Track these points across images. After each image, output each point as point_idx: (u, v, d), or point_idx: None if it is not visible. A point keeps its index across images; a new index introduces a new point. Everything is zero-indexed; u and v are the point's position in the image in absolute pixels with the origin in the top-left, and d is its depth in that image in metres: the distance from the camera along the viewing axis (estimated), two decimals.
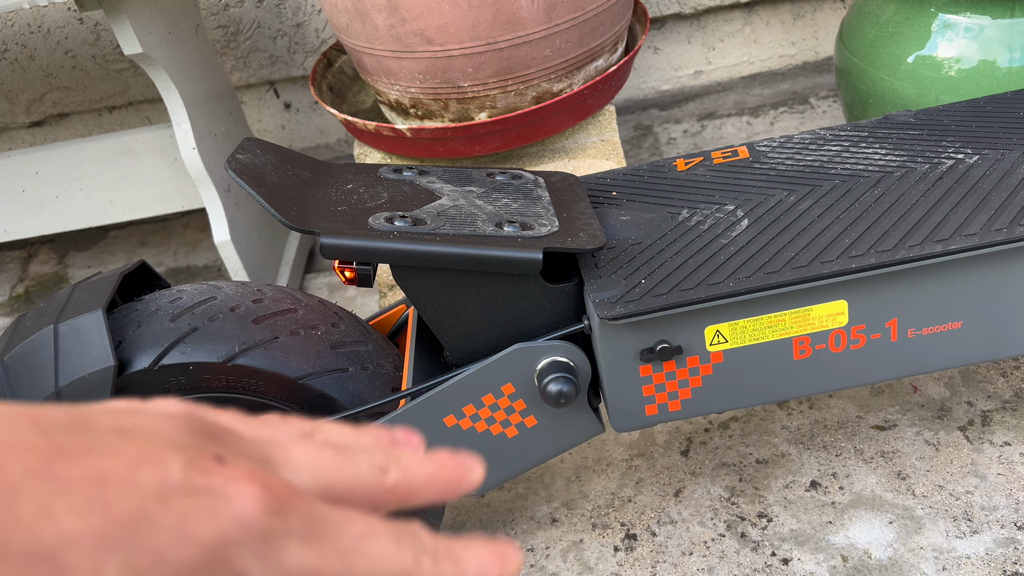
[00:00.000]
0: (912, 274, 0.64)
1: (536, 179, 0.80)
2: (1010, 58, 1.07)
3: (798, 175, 0.78)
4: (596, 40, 1.06)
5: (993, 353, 0.69)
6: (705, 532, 0.94)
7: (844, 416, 1.05)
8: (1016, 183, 0.69)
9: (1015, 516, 0.90)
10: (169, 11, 1.16)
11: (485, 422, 0.70)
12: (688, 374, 0.68)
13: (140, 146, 1.29)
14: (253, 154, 0.72)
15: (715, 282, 0.64)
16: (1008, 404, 1.02)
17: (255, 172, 0.69)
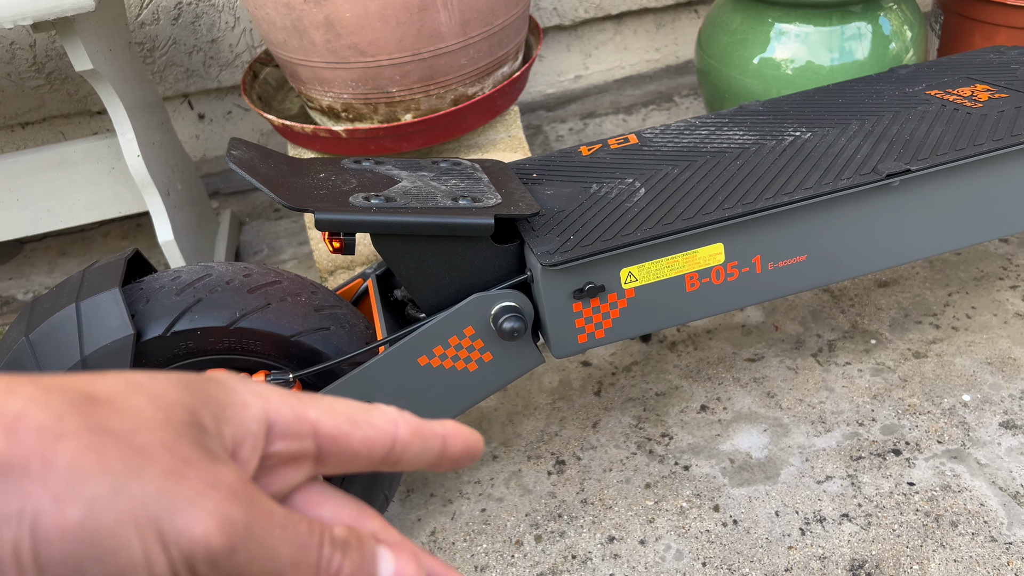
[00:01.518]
0: (769, 219, 0.86)
1: (473, 164, 0.98)
2: (831, 58, 1.33)
3: (678, 154, 0.99)
4: (503, 50, 1.25)
5: (831, 278, 0.92)
6: (620, 452, 1.14)
7: (722, 353, 1.28)
8: (837, 151, 0.92)
9: (857, 416, 1.14)
10: (107, 29, 1.26)
11: (452, 360, 0.87)
12: (609, 308, 0.87)
13: (78, 156, 1.37)
14: (243, 151, 0.86)
15: (627, 233, 0.83)
16: (847, 334, 1.28)
17: (250, 165, 0.83)
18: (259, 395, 0.24)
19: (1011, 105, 0.96)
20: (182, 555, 0.20)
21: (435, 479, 1.14)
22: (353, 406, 0.26)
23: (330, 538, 0.23)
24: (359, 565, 0.23)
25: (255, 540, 0.21)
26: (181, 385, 0.22)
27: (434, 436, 0.27)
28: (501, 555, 1.03)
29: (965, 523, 0.99)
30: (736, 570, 0.97)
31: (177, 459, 0.20)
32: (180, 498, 0.20)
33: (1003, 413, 1.11)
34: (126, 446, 0.20)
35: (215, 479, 0.21)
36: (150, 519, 0.19)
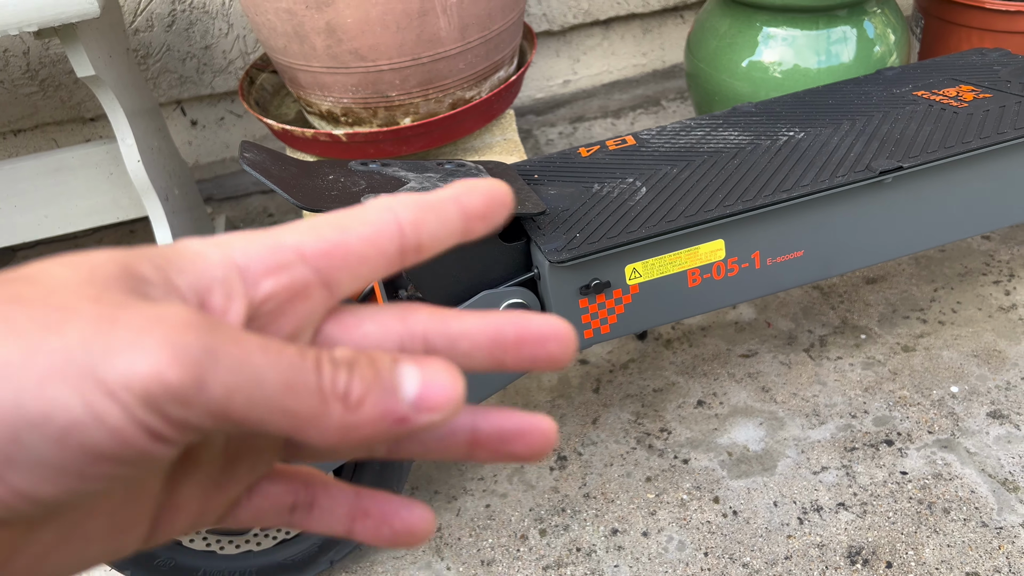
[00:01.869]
0: (767, 216, 0.89)
1: (477, 166, 1.00)
2: (818, 60, 1.37)
3: (676, 154, 1.02)
4: (499, 54, 1.27)
5: (827, 273, 0.95)
6: (620, 447, 1.17)
7: (717, 350, 1.31)
8: (831, 149, 0.95)
9: (849, 408, 1.17)
10: (107, 36, 1.27)
11: None
12: (614, 303, 0.90)
13: (76, 162, 1.38)
14: (254, 153, 0.87)
15: (632, 230, 0.86)
16: (837, 329, 1.31)
17: (263, 167, 0.85)
18: (217, 243, 0.20)
19: (995, 104, 1.00)
20: (138, 398, 0.16)
21: (439, 476, 1.16)
22: (335, 215, 0.21)
23: (329, 358, 0.19)
24: (372, 381, 0.19)
25: (228, 367, 0.17)
26: (115, 250, 0.19)
27: (444, 201, 0.22)
28: (507, 549, 1.05)
29: (957, 509, 1.02)
30: (737, 559, 1.00)
31: (106, 306, 0.17)
32: (115, 340, 0.16)
33: (990, 403, 1.15)
34: (40, 307, 0.17)
35: (157, 315, 0.17)
36: (81, 369, 0.16)
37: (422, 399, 0.19)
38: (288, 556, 0.99)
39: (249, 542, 0.96)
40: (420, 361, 0.20)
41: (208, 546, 0.95)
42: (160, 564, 0.95)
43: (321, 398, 0.18)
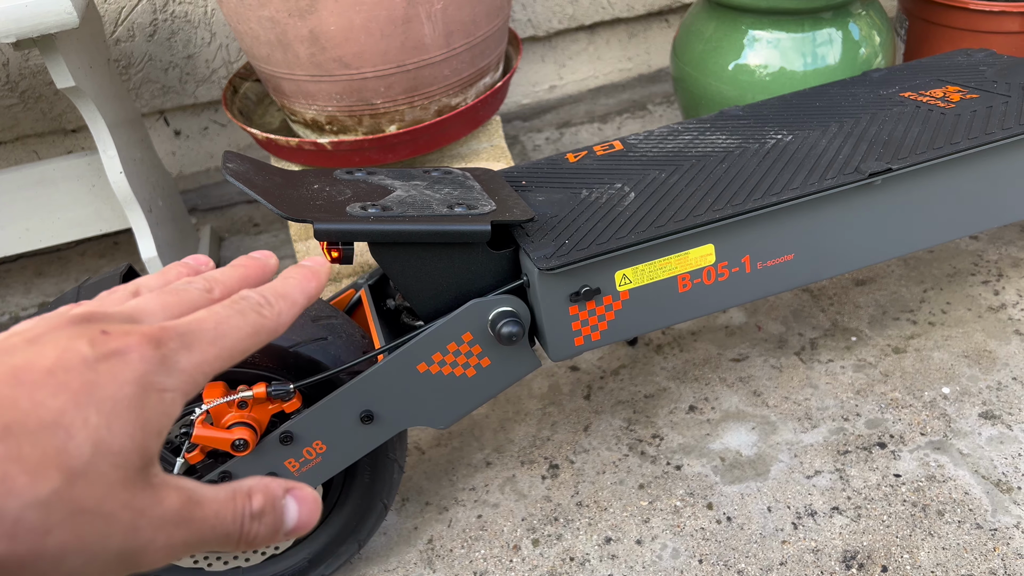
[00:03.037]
0: (756, 220, 0.88)
1: (464, 173, 0.99)
2: (804, 63, 1.36)
3: (664, 158, 1.01)
4: (484, 60, 1.26)
5: (817, 276, 0.94)
6: (612, 455, 1.16)
7: (708, 354, 1.30)
8: (820, 152, 0.95)
9: (841, 411, 1.17)
10: (87, 46, 1.25)
11: (450, 366, 0.88)
12: (604, 310, 0.89)
13: (57, 175, 1.36)
14: (238, 163, 0.86)
15: (621, 236, 0.85)
16: (828, 332, 1.31)
17: (246, 177, 0.83)
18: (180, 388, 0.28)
19: (982, 105, 0.99)
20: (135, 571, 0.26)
21: (430, 487, 1.15)
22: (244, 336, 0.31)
23: (250, 514, 0.29)
24: (273, 525, 0.30)
25: (194, 546, 0.27)
26: (136, 426, 0.26)
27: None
28: (499, 560, 1.04)
29: (951, 512, 1.01)
30: (732, 566, 0.99)
31: (134, 514, 0.26)
32: (136, 549, 0.26)
33: (982, 404, 1.15)
34: (97, 519, 0.25)
35: (162, 519, 0.26)
36: (116, 569, 0.25)
37: (298, 527, 0.31)
38: (278, 571, 0.98)
39: (237, 558, 0.95)
40: (298, 495, 0.31)
41: (196, 563, 0.94)
42: None
43: (238, 542, 0.29)
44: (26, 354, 0.26)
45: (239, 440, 0.82)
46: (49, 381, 0.25)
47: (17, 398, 0.24)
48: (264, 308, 0.32)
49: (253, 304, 0.32)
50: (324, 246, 0.84)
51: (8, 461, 0.23)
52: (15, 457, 0.23)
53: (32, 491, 0.23)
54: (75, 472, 0.24)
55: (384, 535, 1.09)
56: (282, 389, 0.84)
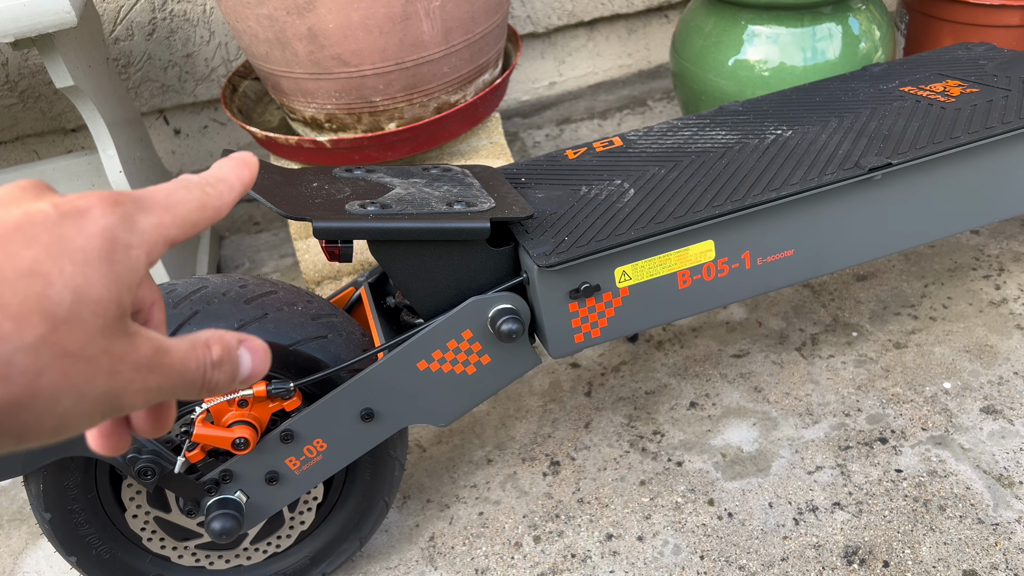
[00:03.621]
0: (756, 216, 0.88)
1: (463, 170, 0.99)
2: (803, 58, 1.36)
3: (663, 154, 1.01)
4: (483, 57, 1.26)
5: (817, 271, 0.94)
6: (613, 451, 1.16)
7: (709, 351, 1.30)
8: (819, 147, 0.94)
9: (843, 407, 1.17)
10: (86, 46, 1.25)
11: (450, 363, 0.88)
12: (604, 307, 0.89)
13: (57, 174, 1.36)
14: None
15: (620, 232, 0.85)
16: (829, 327, 1.31)
17: None
18: (143, 245, 0.30)
19: (982, 99, 0.99)
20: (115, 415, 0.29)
21: (431, 485, 1.15)
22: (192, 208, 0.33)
23: (211, 363, 0.32)
24: (230, 373, 0.32)
25: (165, 391, 0.30)
26: (109, 278, 0.28)
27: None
28: (501, 557, 1.04)
29: (953, 507, 1.01)
30: (733, 562, 0.99)
31: (114, 359, 0.27)
32: (119, 390, 0.28)
33: (983, 399, 1.14)
34: (82, 362, 0.26)
35: (138, 364, 0.28)
36: (100, 409, 0.27)
37: (250, 375, 0.34)
38: (279, 569, 0.98)
39: (239, 556, 0.95)
40: (251, 346, 0.34)
41: (197, 562, 0.94)
42: None
43: (201, 388, 0.32)
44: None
45: (240, 438, 0.82)
46: (18, 236, 0.26)
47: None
48: (207, 187, 0.34)
49: (196, 182, 0.34)
50: (323, 244, 0.83)
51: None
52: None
53: (19, 336, 0.25)
54: (58, 318, 0.25)
55: (386, 533, 1.09)
56: (282, 387, 0.84)
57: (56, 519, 0.88)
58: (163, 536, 0.91)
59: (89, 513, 0.89)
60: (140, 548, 0.92)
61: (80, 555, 0.90)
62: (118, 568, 0.92)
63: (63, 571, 1.09)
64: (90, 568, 0.91)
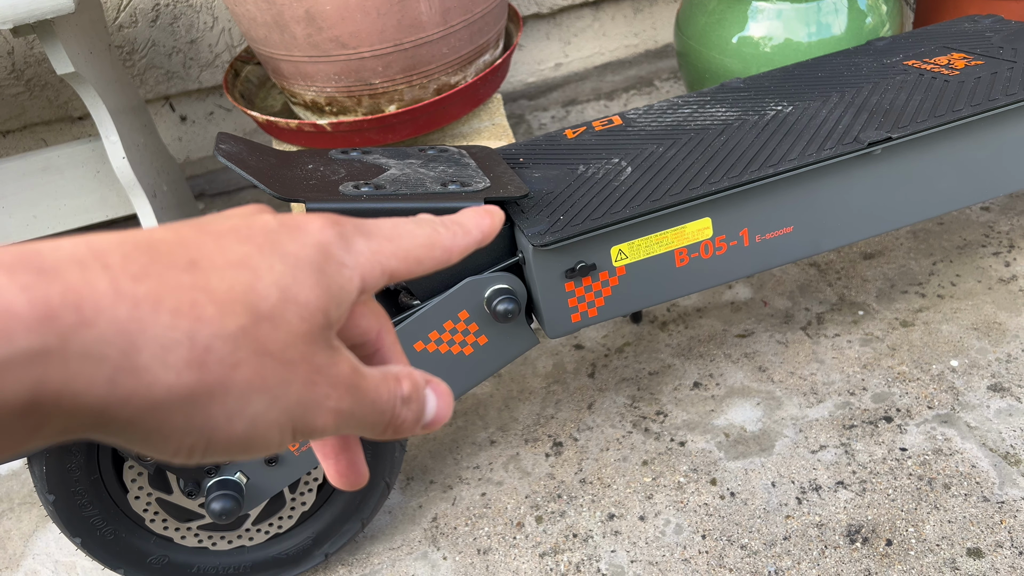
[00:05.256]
0: (754, 192, 0.87)
1: (460, 151, 0.98)
2: (808, 33, 1.34)
3: (663, 132, 1.00)
4: (483, 38, 1.25)
5: (818, 248, 0.93)
6: (616, 432, 1.15)
7: (713, 330, 1.29)
8: (819, 123, 0.93)
9: (848, 386, 1.16)
10: (87, 32, 1.25)
11: (447, 344, 0.88)
12: (601, 286, 0.88)
13: (62, 161, 1.37)
14: (231, 144, 0.86)
15: (616, 211, 0.84)
16: (835, 306, 1.30)
17: (238, 158, 0.83)
18: (357, 267, 0.28)
19: (987, 71, 0.97)
20: (303, 436, 0.27)
21: (434, 466, 1.15)
22: (419, 243, 0.31)
23: (401, 398, 0.29)
24: (417, 413, 0.30)
25: (355, 418, 0.28)
26: (319, 287, 0.27)
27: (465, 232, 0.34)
28: (503, 537, 1.04)
29: (958, 485, 1.00)
30: (735, 541, 0.98)
31: (312, 369, 0.26)
32: (313, 403, 0.26)
33: (990, 376, 1.13)
34: (280, 365, 0.25)
35: (335, 380, 0.27)
36: (292, 421, 0.25)
37: (435, 420, 0.31)
38: (282, 550, 0.99)
39: (241, 537, 0.96)
40: (437, 389, 0.31)
41: (200, 543, 0.95)
42: (153, 562, 0.95)
43: (387, 425, 0.29)
44: (210, 219, 0.27)
45: None
46: (233, 234, 0.26)
47: (203, 241, 0.25)
48: (440, 226, 0.32)
49: (428, 220, 0.32)
50: None
51: (196, 290, 0.23)
52: (203, 287, 0.23)
53: (220, 323, 0.23)
54: (262, 313, 0.24)
55: (389, 513, 1.10)
56: None
57: (60, 501, 0.89)
58: (165, 517, 0.92)
59: (92, 495, 0.90)
60: (144, 529, 0.93)
61: (85, 536, 0.91)
62: (122, 549, 0.93)
63: (71, 552, 1.10)
64: (95, 549, 0.92)
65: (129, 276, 0.22)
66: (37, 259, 0.21)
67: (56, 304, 0.20)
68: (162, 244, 0.24)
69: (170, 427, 0.23)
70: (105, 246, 0.23)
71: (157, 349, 0.22)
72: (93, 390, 0.21)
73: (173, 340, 0.22)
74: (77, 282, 0.21)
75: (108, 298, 0.21)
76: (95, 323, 0.21)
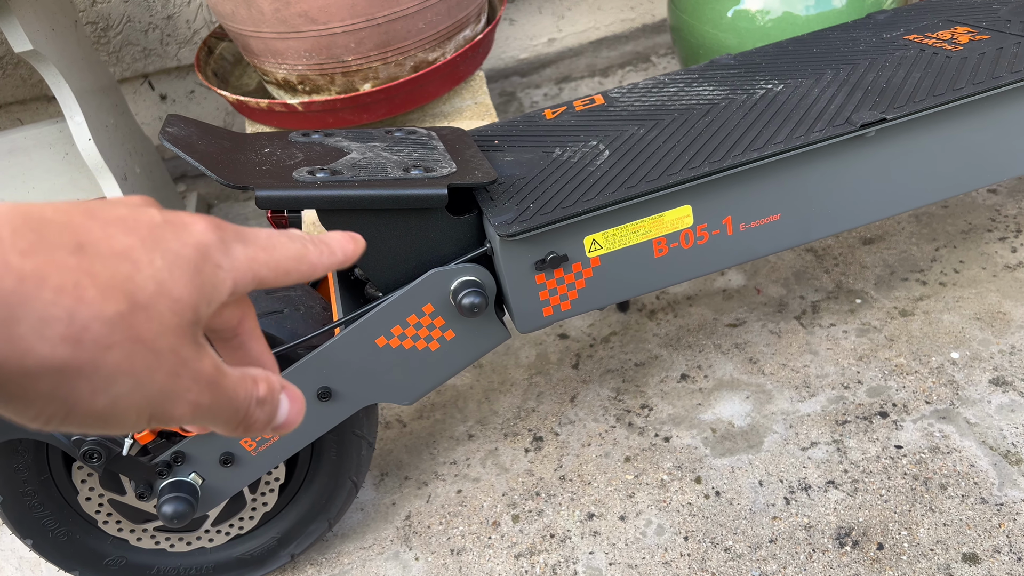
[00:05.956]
0: (738, 178, 0.82)
1: (429, 133, 0.93)
2: (806, 6, 1.28)
3: (645, 113, 0.95)
4: (463, 12, 1.19)
5: (808, 236, 0.88)
6: (599, 426, 1.11)
7: (703, 319, 1.24)
8: (810, 102, 0.87)
9: (842, 379, 1.11)
10: (48, 8, 1.20)
11: (411, 339, 0.83)
12: (574, 278, 0.83)
13: (29, 143, 1.32)
14: (179, 127, 0.81)
15: (588, 199, 0.79)
16: (831, 294, 1.24)
17: (186, 142, 0.78)
18: (232, 271, 0.30)
19: (992, 47, 0.91)
20: (158, 423, 0.28)
21: (410, 461, 1.11)
22: (289, 256, 0.33)
23: (256, 400, 0.31)
24: (269, 415, 0.32)
25: (211, 412, 0.29)
26: (192, 285, 0.28)
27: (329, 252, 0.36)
28: (478, 537, 1.00)
29: (955, 485, 0.95)
30: (719, 543, 0.94)
31: (178, 361, 0.27)
32: (173, 394, 0.27)
33: (993, 370, 1.08)
34: (149, 353, 0.26)
35: (198, 375, 0.28)
36: (150, 407, 0.27)
37: (285, 424, 0.33)
38: (245, 551, 0.95)
39: (200, 538, 0.92)
40: (291, 394, 0.33)
41: (157, 544, 0.91)
42: (110, 564, 0.91)
43: (240, 423, 0.31)
44: (101, 205, 0.28)
45: None
46: (120, 223, 0.27)
47: (91, 227, 0.26)
48: (309, 244, 0.34)
49: (299, 236, 0.34)
50: (269, 215, 0.78)
51: (81, 272, 0.25)
52: (87, 271, 0.25)
53: (100, 306, 0.25)
54: (138, 303, 0.26)
55: (361, 511, 1.06)
56: None
57: (8, 501, 0.85)
58: (119, 519, 0.88)
59: (43, 495, 0.86)
60: (99, 530, 0.90)
61: (36, 537, 0.87)
62: (77, 550, 0.90)
63: None
64: (47, 551, 0.88)
65: (17, 251, 0.23)
66: None
67: None
68: (52, 224, 0.25)
69: (35, 394, 0.24)
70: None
71: (36, 322, 0.23)
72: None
73: (53, 316, 0.24)
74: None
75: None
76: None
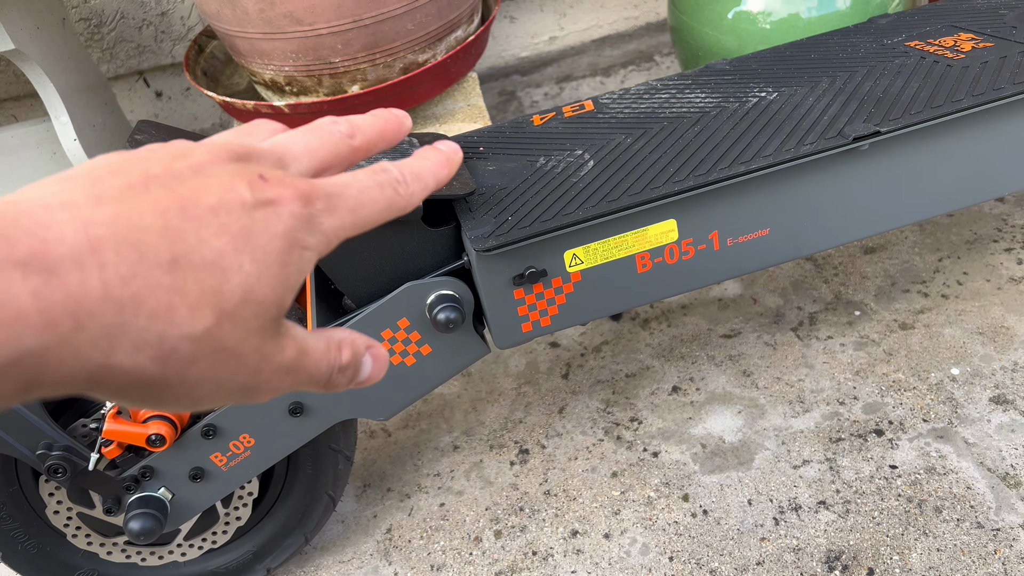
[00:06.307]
0: (724, 191, 0.79)
1: (410, 139, 0.90)
2: (809, 8, 1.24)
3: (634, 120, 0.92)
4: (454, 12, 1.17)
5: (797, 252, 0.85)
6: (587, 439, 1.08)
7: (697, 330, 1.21)
8: (803, 113, 0.84)
9: (837, 394, 1.07)
10: (34, 6, 1.18)
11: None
12: (554, 293, 0.80)
13: (16, 142, 1.30)
14: (148, 134, 0.79)
15: (568, 212, 0.76)
16: (830, 305, 1.21)
17: None
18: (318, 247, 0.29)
19: (996, 55, 0.87)
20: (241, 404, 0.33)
21: (393, 472, 1.09)
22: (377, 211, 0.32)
23: (339, 368, 0.31)
24: (350, 377, 0.32)
25: (292, 389, 0.30)
26: (278, 280, 0.28)
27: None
28: (459, 553, 0.98)
29: (950, 508, 0.92)
30: (704, 565, 0.91)
31: (260, 358, 0.28)
32: (255, 388, 0.28)
33: (994, 387, 1.04)
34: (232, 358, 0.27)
35: (279, 367, 0.29)
36: (231, 400, 0.28)
37: (367, 381, 0.33)
38: (220, 564, 0.93)
39: (172, 552, 0.90)
40: (375, 354, 0.33)
41: (128, 558, 0.89)
42: None
43: (325, 384, 0.32)
44: (192, 185, 0.27)
45: (154, 435, 0.76)
46: (213, 220, 0.26)
47: (185, 232, 0.26)
48: (400, 186, 0.33)
49: (392, 179, 0.32)
50: None
51: (174, 293, 0.25)
52: (180, 290, 0.25)
53: (189, 325, 0.25)
54: (225, 313, 0.26)
55: (342, 523, 1.04)
56: None
57: None
58: (88, 533, 0.86)
59: (12, 507, 0.85)
60: (69, 543, 0.88)
61: (5, 549, 0.86)
62: (47, 563, 0.88)
63: None
64: (17, 563, 0.87)
65: (119, 278, 0.24)
66: (43, 255, 0.23)
67: (58, 312, 0.23)
68: (150, 234, 0.25)
69: (122, 394, 0.26)
70: (102, 238, 0.24)
71: (130, 348, 0.24)
72: (76, 377, 0.24)
73: (145, 342, 0.25)
74: (76, 287, 0.23)
75: (99, 303, 0.24)
76: (86, 327, 0.23)
